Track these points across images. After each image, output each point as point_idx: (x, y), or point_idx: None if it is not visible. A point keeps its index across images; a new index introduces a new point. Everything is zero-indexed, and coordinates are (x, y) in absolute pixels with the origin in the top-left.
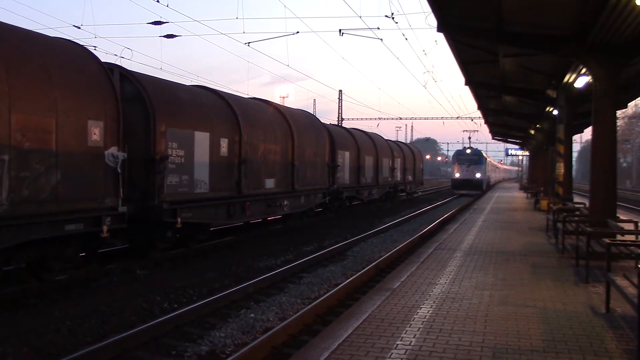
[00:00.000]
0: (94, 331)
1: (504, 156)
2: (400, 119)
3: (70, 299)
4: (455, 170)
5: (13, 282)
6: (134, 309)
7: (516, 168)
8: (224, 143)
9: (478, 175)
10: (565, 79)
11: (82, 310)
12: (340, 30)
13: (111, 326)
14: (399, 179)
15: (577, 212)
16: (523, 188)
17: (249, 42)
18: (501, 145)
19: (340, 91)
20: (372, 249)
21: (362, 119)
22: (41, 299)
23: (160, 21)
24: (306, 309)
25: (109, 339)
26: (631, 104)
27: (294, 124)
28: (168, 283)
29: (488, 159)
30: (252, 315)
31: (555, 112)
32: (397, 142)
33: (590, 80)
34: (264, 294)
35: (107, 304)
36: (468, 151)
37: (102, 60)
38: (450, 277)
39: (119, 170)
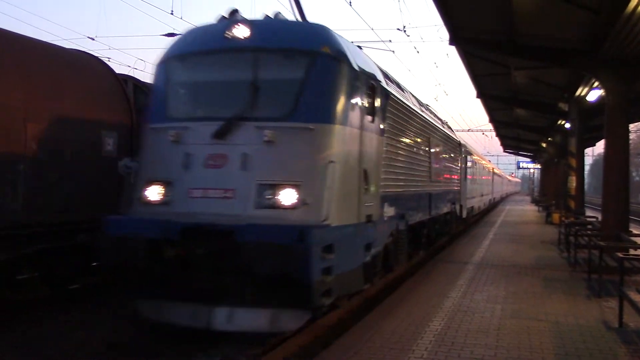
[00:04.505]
0: (105, 340)
1: (516, 169)
2: None
3: (82, 308)
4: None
5: (25, 291)
6: None
7: (518, 180)
8: None
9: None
10: (578, 92)
11: (94, 319)
12: (352, 42)
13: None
14: None
15: (590, 226)
16: (534, 201)
17: None
18: (512, 158)
19: None
20: None
21: None
22: (53, 307)
23: (173, 33)
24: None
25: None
26: None
27: None
28: None
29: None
30: None
31: (567, 125)
32: None
33: (603, 93)
34: None
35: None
36: (238, 33)
37: (116, 71)
38: (462, 290)
39: (132, 180)
